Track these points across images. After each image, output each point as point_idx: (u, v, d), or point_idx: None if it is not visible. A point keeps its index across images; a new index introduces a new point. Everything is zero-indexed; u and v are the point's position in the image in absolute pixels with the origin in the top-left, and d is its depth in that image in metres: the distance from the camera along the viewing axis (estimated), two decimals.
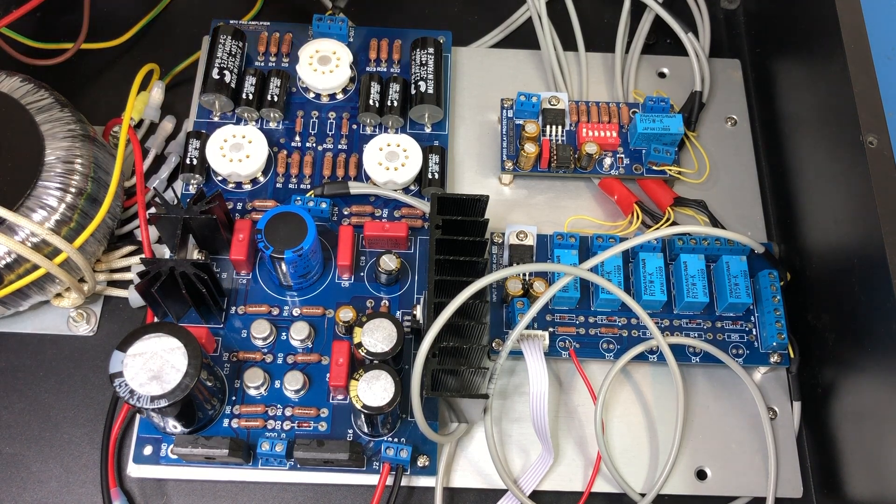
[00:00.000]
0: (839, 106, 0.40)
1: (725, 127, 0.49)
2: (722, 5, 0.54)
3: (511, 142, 0.46)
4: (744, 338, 0.42)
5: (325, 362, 0.40)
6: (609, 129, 0.45)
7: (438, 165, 0.44)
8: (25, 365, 0.43)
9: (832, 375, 0.40)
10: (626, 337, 0.42)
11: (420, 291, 0.42)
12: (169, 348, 0.35)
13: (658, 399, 0.42)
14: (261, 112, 0.45)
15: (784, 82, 0.48)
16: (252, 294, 0.42)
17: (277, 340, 0.40)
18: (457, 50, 0.50)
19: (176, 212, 0.39)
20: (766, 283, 0.42)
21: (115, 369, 0.35)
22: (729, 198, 0.47)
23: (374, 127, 0.46)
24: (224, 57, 0.45)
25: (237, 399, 0.39)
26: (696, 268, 0.42)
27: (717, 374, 0.42)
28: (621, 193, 0.45)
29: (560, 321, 0.42)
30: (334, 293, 0.42)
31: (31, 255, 0.39)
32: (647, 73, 0.50)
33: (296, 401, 0.39)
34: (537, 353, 0.39)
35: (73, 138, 0.41)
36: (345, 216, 0.44)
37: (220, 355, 0.40)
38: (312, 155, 0.45)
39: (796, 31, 0.47)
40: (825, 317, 0.41)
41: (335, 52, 0.46)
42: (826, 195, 0.42)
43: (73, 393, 0.42)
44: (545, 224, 0.45)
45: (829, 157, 0.41)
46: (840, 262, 0.40)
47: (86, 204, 0.41)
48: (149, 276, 0.38)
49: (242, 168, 0.43)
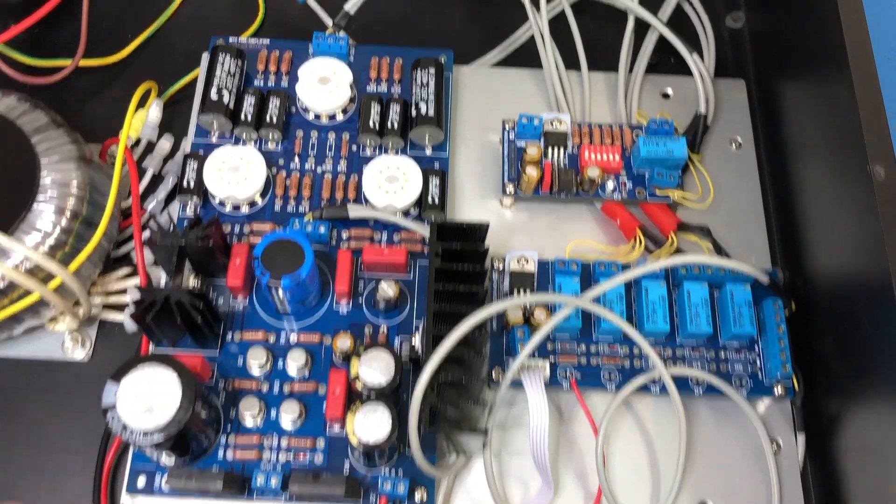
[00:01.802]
0: (845, 131, 0.39)
1: (730, 149, 0.48)
2: (727, 24, 0.54)
3: (512, 164, 0.45)
4: (748, 368, 0.41)
5: (322, 391, 0.40)
6: (612, 152, 0.45)
7: (439, 189, 0.43)
8: (18, 390, 0.42)
9: (837, 407, 0.40)
10: (629, 367, 0.41)
11: (419, 318, 0.41)
12: (163, 380, 0.34)
13: (660, 431, 0.41)
14: (259, 132, 0.45)
15: (789, 104, 0.47)
16: (249, 320, 0.41)
17: (274, 368, 0.40)
18: (458, 69, 0.49)
19: (172, 239, 0.38)
20: (770, 313, 0.41)
21: (107, 402, 0.34)
22: (733, 222, 0.46)
23: (375, 148, 0.45)
24: (223, 76, 0.45)
25: (232, 428, 0.39)
26: (699, 296, 0.41)
27: (720, 405, 0.42)
28: (624, 218, 0.45)
29: (561, 350, 0.41)
30: (332, 319, 0.41)
31: (26, 280, 0.38)
32: (650, 93, 0.50)
33: (292, 431, 0.39)
34: (538, 384, 0.38)
35: (68, 160, 0.41)
36: (343, 240, 0.43)
37: (215, 383, 0.40)
38: (311, 177, 0.44)
39: (802, 51, 0.46)
40: (830, 347, 0.40)
41: (335, 72, 0.45)
42: (832, 222, 0.41)
43: (67, 419, 0.41)
44: (546, 248, 0.45)
45: (835, 183, 0.41)
46: (846, 291, 0.39)
47: (81, 227, 0.40)
48: (144, 305, 0.37)
49: (240, 191, 0.42)
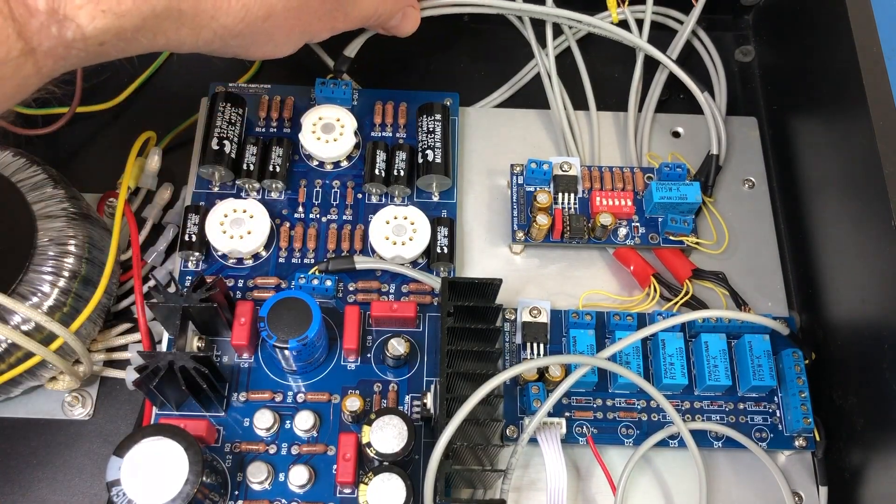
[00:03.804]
0: (863, 169, 0.38)
1: (743, 189, 0.47)
2: (736, 58, 0.53)
3: (522, 211, 0.44)
4: (767, 420, 0.40)
5: (331, 453, 0.38)
6: (623, 198, 0.44)
7: (447, 238, 0.42)
8: (18, 452, 0.41)
9: (860, 459, 0.39)
10: (646, 421, 0.40)
11: (430, 373, 0.40)
12: (169, 453, 0.33)
13: (679, 485, 0.40)
14: (262, 183, 0.44)
15: (803, 143, 0.46)
16: (254, 380, 0.40)
17: (281, 429, 0.39)
18: (464, 111, 0.48)
19: (174, 300, 0.37)
20: (790, 364, 0.40)
21: (112, 476, 0.33)
22: (748, 266, 0.45)
23: (381, 196, 0.44)
24: (223, 126, 0.43)
25: (240, 494, 0.37)
26: (717, 348, 0.40)
27: (740, 457, 0.41)
28: (637, 264, 0.44)
29: (577, 405, 0.40)
30: (340, 376, 0.40)
31: (28, 343, 0.37)
32: (661, 132, 0.49)
33: (301, 495, 0.38)
34: (554, 444, 0.37)
35: (66, 217, 0.40)
36: (350, 292, 0.42)
37: (221, 447, 0.38)
38: (316, 227, 0.43)
39: (815, 85, 0.45)
40: (852, 399, 0.39)
41: (339, 120, 0.44)
42: (852, 271, 0.40)
43: (69, 482, 0.40)
44: (559, 296, 0.44)
45: (856, 230, 0.40)
46: (868, 343, 0.38)
47: (80, 287, 0.39)
48: (147, 371, 0.36)
49: (243, 245, 0.41)
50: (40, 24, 0.24)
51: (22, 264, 0.38)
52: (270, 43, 0.33)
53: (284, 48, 0.34)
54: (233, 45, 0.31)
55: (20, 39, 0.24)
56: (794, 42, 0.48)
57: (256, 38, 0.31)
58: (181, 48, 0.30)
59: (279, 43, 0.33)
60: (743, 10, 0.53)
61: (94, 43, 0.26)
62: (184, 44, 0.29)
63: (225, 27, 0.29)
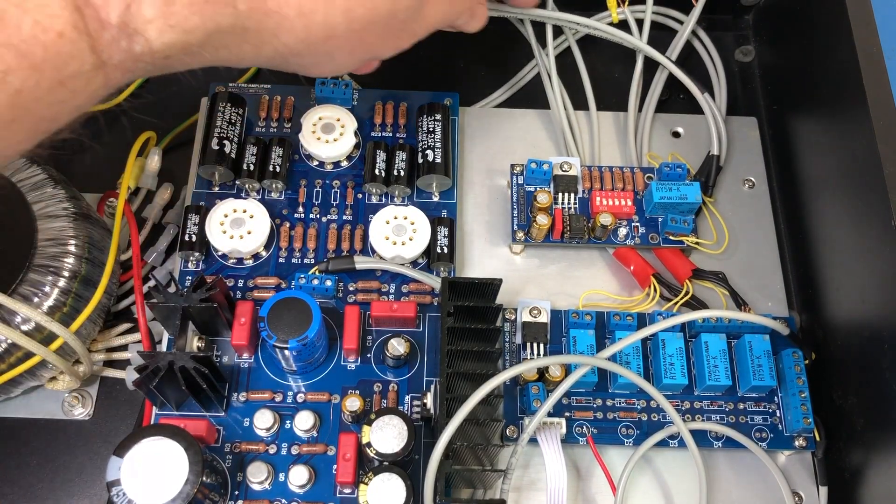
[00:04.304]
0: (863, 169, 0.38)
1: (743, 189, 0.47)
2: (736, 58, 0.53)
3: (522, 211, 0.44)
4: (767, 420, 0.40)
5: (331, 452, 0.38)
6: (623, 198, 0.44)
7: (447, 238, 0.42)
8: (17, 452, 0.41)
9: (860, 458, 0.39)
10: (646, 421, 0.40)
11: (430, 373, 0.40)
12: (169, 453, 0.33)
13: (679, 485, 0.40)
14: (262, 183, 0.44)
15: (803, 143, 0.46)
16: (254, 380, 0.40)
17: (281, 429, 0.39)
18: (464, 111, 0.48)
19: (174, 300, 0.37)
20: (790, 364, 0.40)
21: (112, 476, 0.33)
22: (748, 266, 0.45)
23: (381, 196, 0.44)
24: (223, 126, 0.43)
25: (240, 494, 0.37)
26: (717, 348, 0.40)
27: (740, 457, 0.41)
28: (637, 264, 0.44)
29: (577, 405, 0.40)
30: (340, 376, 0.40)
31: (27, 342, 0.37)
32: (660, 132, 0.49)
33: (301, 495, 0.38)
34: (554, 444, 0.37)
35: (66, 217, 0.40)
36: (350, 292, 0.42)
37: (221, 447, 0.38)
38: (316, 227, 0.43)
39: (815, 85, 0.45)
40: (852, 399, 0.39)
41: (339, 120, 0.44)
42: (852, 271, 0.40)
43: (69, 482, 0.40)
44: (559, 296, 0.44)
45: (856, 230, 0.40)
46: (868, 343, 0.38)
47: (80, 287, 0.39)
48: (147, 371, 0.36)
49: (244, 245, 0.41)
50: (112, 37, 0.25)
51: (22, 264, 0.38)
52: (332, 62, 0.33)
53: (345, 67, 0.34)
54: (293, 62, 0.32)
55: (93, 53, 0.24)
56: (794, 42, 0.48)
57: (317, 58, 0.32)
58: (241, 63, 0.31)
59: (340, 62, 0.33)
60: (743, 10, 0.53)
61: (161, 56, 0.26)
62: (244, 59, 0.30)
63: (286, 45, 0.29)
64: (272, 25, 0.28)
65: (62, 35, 0.23)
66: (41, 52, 0.23)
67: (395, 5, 0.31)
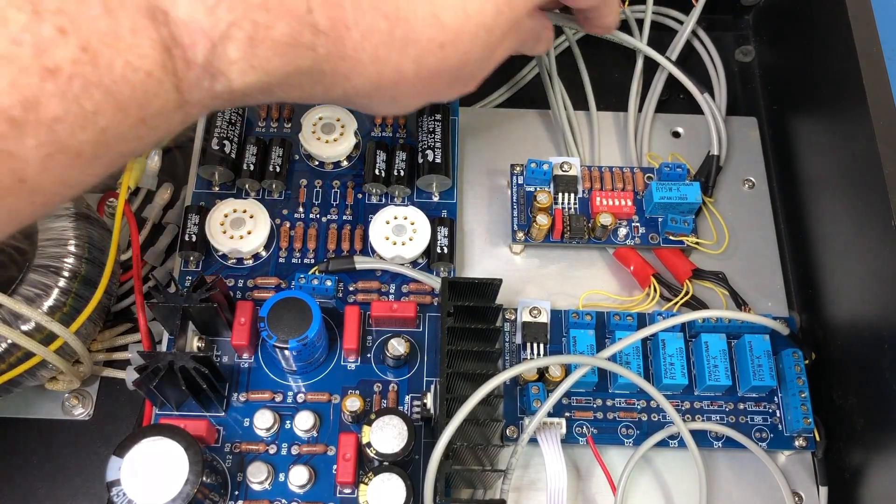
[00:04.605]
0: (863, 169, 0.38)
1: (743, 189, 0.47)
2: (736, 58, 0.53)
3: (522, 211, 0.44)
4: (767, 420, 0.40)
5: (331, 453, 0.38)
6: (623, 198, 0.44)
7: (447, 238, 0.42)
8: (17, 452, 0.41)
9: (860, 458, 0.39)
10: (646, 421, 0.40)
11: (430, 374, 0.40)
12: (169, 453, 0.33)
13: (679, 485, 0.40)
14: (262, 183, 0.44)
15: (803, 143, 0.46)
16: (254, 380, 0.40)
17: (281, 429, 0.39)
18: (464, 111, 0.48)
19: (175, 300, 0.37)
20: (790, 364, 0.40)
21: (112, 476, 0.33)
22: (748, 266, 0.45)
23: (381, 196, 0.44)
24: (224, 126, 0.43)
25: (240, 494, 0.37)
26: (717, 348, 0.40)
27: (740, 457, 0.41)
28: (637, 264, 0.44)
29: (577, 405, 0.40)
30: (340, 376, 0.40)
31: (27, 342, 0.37)
32: (660, 132, 0.49)
33: (301, 495, 0.38)
34: (554, 444, 0.37)
35: (66, 217, 0.40)
36: (350, 293, 0.42)
37: (221, 447, 0.38)
38: (316, 227, 0.43)
39: (815, 85, 0.45)
40: (852, 399, 0.39)
41: (339, 120, 0.44)
42: (852, 271, 0.40)
43: (69, 482, 0.40)
44: (559, 296, 0.44)
45: (856, 230, 0.40)
46: (868, 343, 0.38)
47: (80, 287, 0.39)
48: (147, 371, 0.36)
49: (244, 245, 0.41)
50: (196, 77, 0.25)
51: (22, 264, 0.38)
52: (395, 105, 0.33)
53: (406, 109, 0.34)
54: (357, 102, 0.32)
55: (177, 92, 0.24)
56: (794, 42, 0.48)
57: (382, 99, 0.32)
58: (308, 101, 0.31)
59: (402, 105, 0.33)
60: (743, 10, 0.53)
61: (239, 95, 0.26)
62: (314, 98, 0.30)
63: (355, 87, 0.30)
64: (346, 69, 0.28)
65: (150, 75, 0.23)
66: (129, 91, 0.23)
67: (465, 57, 0.31)
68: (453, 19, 0.29)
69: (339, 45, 0.27)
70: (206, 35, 0.24)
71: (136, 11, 0.23)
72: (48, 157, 0.22)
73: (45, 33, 0.21)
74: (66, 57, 0.21)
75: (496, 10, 0.31)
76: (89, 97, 0.22)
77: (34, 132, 0.21)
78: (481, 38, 0.31)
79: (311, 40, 0.27)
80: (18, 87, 0.21)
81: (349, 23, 0.27)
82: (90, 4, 0.22)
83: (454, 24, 0.30)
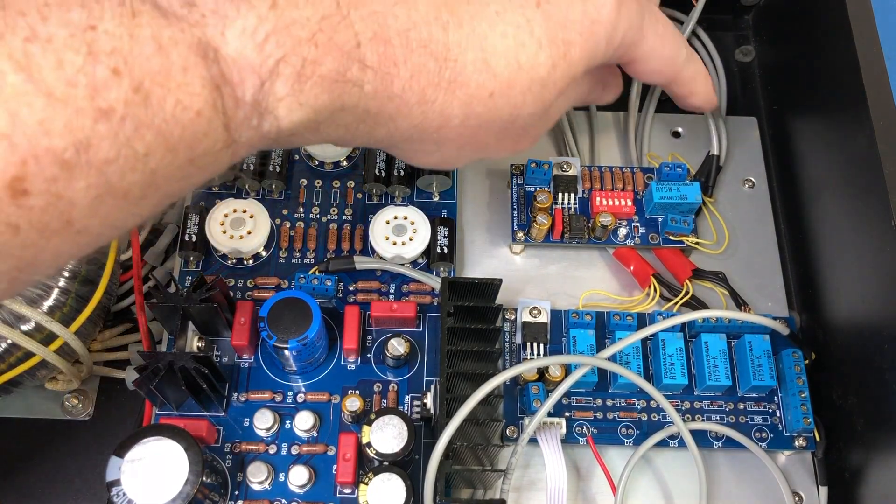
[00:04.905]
0: (864, 169, 0.38)
1: (743, 189, 0.47)
2: (736, 58, 0.53)
3: (522, 211, 0.44)
4: (767, 420, 0.40)
5: (331, 452, 0.38)
6: (623, 198, 0.44)
7: (447, 238, 0.42)
8: (16, 452, 0.41)
9: (860, 459, 0.39)
10: (646, 421, 0.40)
11: (430, 374, 0.40)
12: (169, 453, 0.33)
13: (679, 485, 0.40)
14: (262, 183, 0.44)
15: (803, 143, 0.46)
16: (254, 380, 0.40)
17: (281, 429, 0.39)
18: None
19: (175, 300, 0.37)
20: (790, 364, 0.40)
21: (112, 476, 0.33)
22: (748, 266, 0.45)
23: (381, 196, 0.44)
24: None
25: (240, 494, 0.37)
26: (717, 348, 0.40)
27: (740, 457, 0.41)
28: (637, 264, 0.44)
29: (577, 405, 0.40)
30: (340, 376, 0.40)
31: (27, 342, 0.37)
32: (660, 132, 0.49)
33: (301, 495, 0.38)
34: (554, 444, 0.37)
35: None
36: (350, 292, 0.42)
37: (221, 447, 0.38)
38: (316, 227, 0.43)
39: (815, 85, 0.45)
40: (852, 399, 0.39)
41: None
42: (852, 271, 0.40)
43: (69, 482, 0.40)
44: (559, 296, 0.44)
45: (856, 231, 0.40)
46: (869, 343, 0.38)
47: (80, 287, 0.39)
48: (147, 371, 0.36)
49: (244, 245, 0.41)
50: (244, 115, 0.24)
51: None
52: (438, 153, 0.32)
53: (450, 162, 0.33)
54: (400, 146, 0.31)
55: (226, 132, 0.24)
56: (794, 42, 0.48)
57: (425, 145, 0.31)
58: (351, 143, 0.31)
59: (446, 154, 0.32)
60: (743, 10, 0.53)
61: (287, 133, 0.26)
62: (357, 139, 0.29)
63: (399, 129, 0.29)
64: (392, 109, 0.28)
65: (200, 114, 0.23)
66: (179, 131, 0.22)
67: (517, 110, 0.30)
68: (505, 68, 0.29)
69: (387, 82, 0.27)
70: (255, 72, 0.24)
71: (187, 49, 0.22)
72: (96, 198, 0.21)
73: (100, 74, 0.21)
74: (119, 98, 0.21)
75: (551, 63, 0.30)
76: (140, 138, 0.22)
77: (85, 174, 0.21)
78: (534, 92, 0.30)
79: (358, 76, 0.26)
80: (72, 129, 0.20)
81: (398, 60, 0.27)
82: (143, 43, 0.21)
83: (505, 74, 0.29)
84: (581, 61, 0.31)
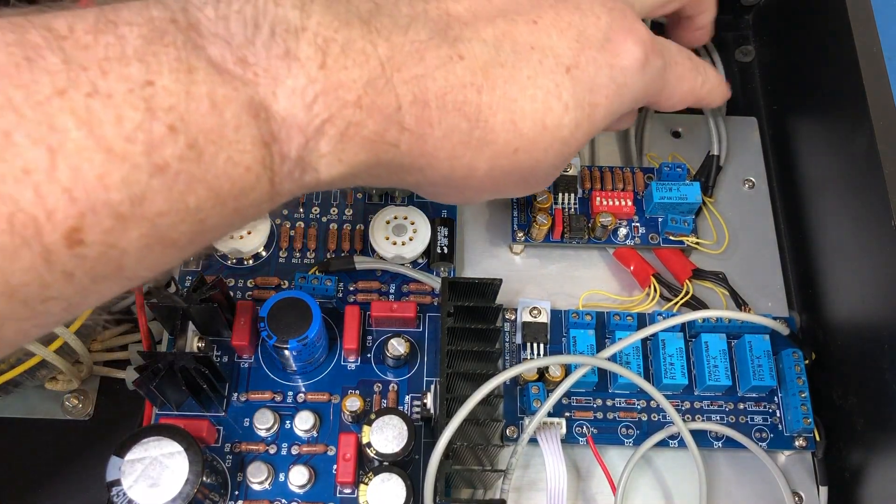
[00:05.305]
0: (864, 170, 0.38)
1: (743, 190, 0.47)
2: (736, 58, 0.53)
3: (522, 211, 0.44)
4: (767, 420, 0.40)
5: (331, 452, 0.38)
6: (623, 198, 0.44)
7: (447, 238, 0.42)
8: (16, 452, 0.41)
9: (860, 459, 0.39)
10: (646, 421, 0.40)
11: (430, 374, 0.40)
12: (169, 453, 0.33)
13: (679, 485, 0.40)
14: None
15: (803, 143, 0.46)
16: (254, 380, 0.40)
17: (281, 429, 0.39)
18: None
19: (175, 301, 0.37)
20: (790, 364, 0.40)
21: (112, 476, 0.33)
22: (748, 266, 0.45)
23: (381, 196, 0.44)
24: None
25: (240, 494, 0.37)
26: (717, 348, 0.40)
27: (740, 457, 0.41)
28: (637, 264, 0.44)
29: (577, 405, 0.40)
30: (340, 376, 0.40)
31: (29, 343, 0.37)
32: (660, 132, 0.49)
33: (301, 495, 0.38)
34: (554, 445, 0.37)
35: None
36: (350, 293, 0.42)
37: (221, 447, 0.38)
38: (316, 227, 0.43)
39: (815, 85, 0.45)
40: (852, 399, 0.39)
41: None
42: (852, 271, 0.40)
43: (69, 482, 0.40)
44: (559, 297, 0.44)
45: (856, 230, 0.40)
46: (869, 343, 0.38)
47: None
48: (147, 371, 0.36)
49: (244, 245, 0.41)
50: (288, 170, 0.25)
51: None
52: (460, 196, 0.34)
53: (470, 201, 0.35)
54: (427, 190, 0.33)
55: (270, 185, 0.25)
56: (794, 42, 0.48)
57: (449, 191, 0.33)
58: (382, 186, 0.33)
59: (468, 196, 0.34)
60: (743, 10, 0.53)
61: (325, 185, 0.27)
62: (387, 183, 0.31)
63: (427, 178, 0.30)
64: (423, 163, 0.29)
65: (249, 169, 0.24)
66: (228, 186, 0.23)
67: (537, 164, 0.31)
68: (531, 129, 0.30)
69: (421, 142, 0.28)
70: (302, 131, 0.25)
71: (240, 108, 0.23)
72: (146, 247, 0.22)
73: (157, 131, 0.21)
74: (175, 154, 0.22)
75: (575, 124, 0.31)
76: (193, 192, 0.22)
77: (138, 226, 0.22)
78: (555, 149, 0.31)
79: (396, 137, 0.27)
80: (129, 183, 0.21)
81: (433, 122, 0.28)
82: (199, 101, 0.22)
83: (531, 134, 0.30)
84: (604, 120, 0.32)
